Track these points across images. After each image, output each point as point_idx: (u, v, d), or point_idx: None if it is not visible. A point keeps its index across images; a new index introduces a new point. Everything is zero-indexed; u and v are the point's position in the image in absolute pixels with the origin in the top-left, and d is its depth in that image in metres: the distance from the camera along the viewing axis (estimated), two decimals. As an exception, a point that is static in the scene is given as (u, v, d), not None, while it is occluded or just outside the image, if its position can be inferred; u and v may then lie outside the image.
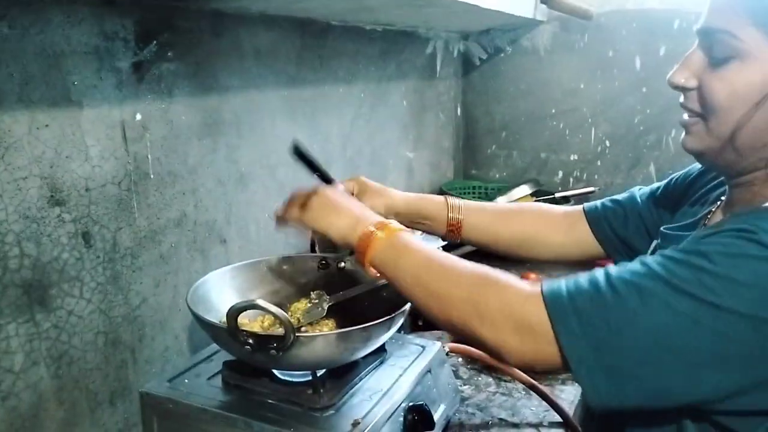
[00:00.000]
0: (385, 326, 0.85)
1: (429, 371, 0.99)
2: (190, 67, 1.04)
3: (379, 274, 0.75)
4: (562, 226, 0.97)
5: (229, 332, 0.77)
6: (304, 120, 1.35)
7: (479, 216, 0.98)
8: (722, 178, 0.74)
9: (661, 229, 0.79)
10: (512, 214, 1.01)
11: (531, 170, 2.08)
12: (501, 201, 1.87)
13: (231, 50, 1.12)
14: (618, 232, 0.92)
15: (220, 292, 0.97)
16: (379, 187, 0.98)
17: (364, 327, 0.81)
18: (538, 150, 2.06)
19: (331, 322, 0.98)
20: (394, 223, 0.76)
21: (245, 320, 0.94)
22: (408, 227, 0.93)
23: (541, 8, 1.79)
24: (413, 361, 0.99)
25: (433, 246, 0.75)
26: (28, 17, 0.79)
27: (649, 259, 0.58)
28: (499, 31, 1.99)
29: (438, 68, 1.94)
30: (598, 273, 0.59)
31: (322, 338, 0.80)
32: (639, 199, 0.90)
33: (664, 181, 0.90)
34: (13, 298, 0.81)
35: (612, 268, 0.59)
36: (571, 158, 2.01)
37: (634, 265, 0.58)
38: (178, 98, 1.02)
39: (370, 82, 1.60)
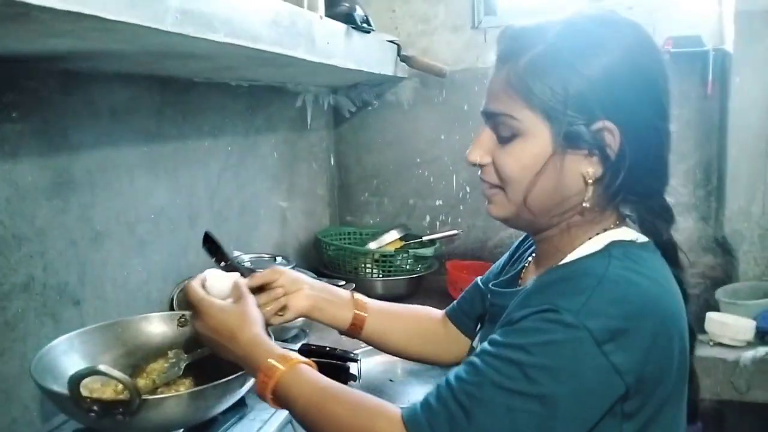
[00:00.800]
0: (239, 381, 0.87)
1: (290, 422, 1.01)
2: (37, 126, 1.02)
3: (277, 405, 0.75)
4: (443, 328, 1.00)
5: (71, 400, 0.75)
6: (165, 175, 1.35)
7: (380, 317, 0.97)
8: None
9: (489, 285, 0.88)
10: (408, 317, 1.01)
11: (401, 215, 2.19)
12: (373, 246, 1.94)
13: (83, 108, 1.11)
14: (471, 319, 0.97)
15: (70, 358, 0.94)
16: (294, 279, 0.93)
17: (215, 384, 0.82)
18: (407, 196, 2.18)
19: (188, 381, 0.97)
20: (294, 355, 0.76)
21: (97, 385, 0.92)
22: (311, 319, 0.94)
23: (401, 66, 1.92)
24: (275, 413, 1.00)
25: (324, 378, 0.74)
26: None
27: (478, 360, 0.63)
28: (365, 85, 2.10)
29: (309, 120, 2.01)
30: (443, 387, 0.64)
31: (172, 399, 0.80)
32: (480, 284, 0.97)
33: (499, 262, 0.98)
34: None
35: (452, 379, 0.64)
36: (437, 203, 2.13)
37: (468, 371, 0.63)
38: (24, 158, 1.00)
39: (238, 135, 1.63)
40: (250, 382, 0.91)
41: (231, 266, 0.96)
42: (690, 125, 1.89)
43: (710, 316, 1.66)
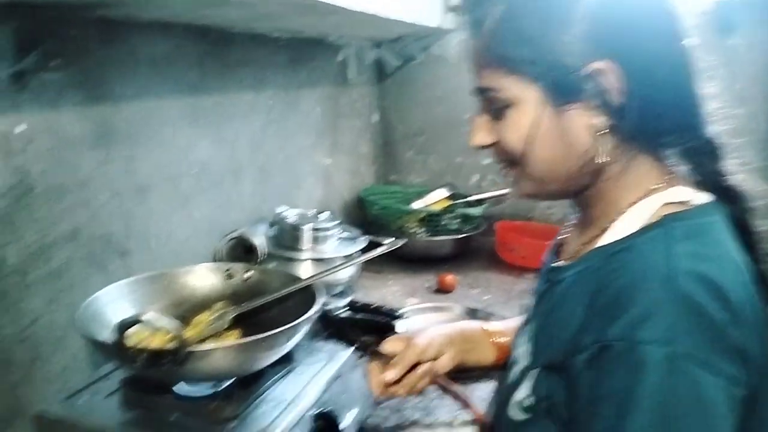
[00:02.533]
0: (287, 334, 0.84)
1: (339, 377, 0.98)
2: (77, 75, 1.00)
3: None
4: None
5: (117, 349, 0.74)
6: (208, 128, 1.32)
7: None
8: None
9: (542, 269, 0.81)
10: None
11: (447, 174, 2.12)
12: (418, 205, 1.90)
13: (124, 58, 1.08)
14: None
15: (117, 307, 0.93)
16: (421, 330, 0.90)
17: (264, 336, 0.80)
18: (454, 154, 2.11)
19: (236, 333, 0.96)
20: None
21: (146, 334, 0.91)
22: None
23: (448, 17, 1.83)
24: (322, 368, 0.98)
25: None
26: None
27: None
28: (410, 39, 2.02)
29: (351, 75, 1.95)
30: None
31: (219, 350, 0.78)
32: None
33: None
34: None
35: None
36: (486, 162, 2.06)
37: None
38: (66, 108, 0.98)
39: (280, 89, 1.59)
40: (298, 335, 0.88)
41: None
42: (758, 80, 1.75)
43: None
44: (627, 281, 0.56)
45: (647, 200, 0.63)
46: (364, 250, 1.40)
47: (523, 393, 0.65)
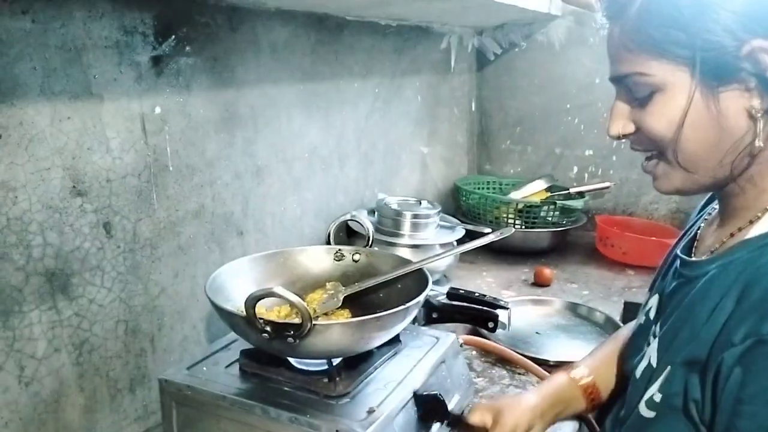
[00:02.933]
0: (399, 316, 0.86)
1: (443, 362, 0.99)
2: (207, 61, 1.05)
3: None
4: None
5: (247, 320, 0.78)
6: (318, 114, 1.36)
7: (601, 369, 0.91)
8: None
9: (678, 252, 0.77)
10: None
11: (546, 165, 2.08)
12: (515, 195, 1.87)
13: (247, 45, 1.13)
14: None
15: (238, 282, 0.99)
16: (509, 403, 0.88)
17: (378, 316, 0.82)
18: (553, 145, 2.06)
19: (346, 313, 0.99)
20: None
21: (262, 309, 0.95)
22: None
23: (555, 2, 1.79)
24: (427, 352, 0.99)
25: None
26: (50, 11, 0.81)
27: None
28: (513, 25, 1.99)
29: (452, 63, 1.95)
30: None
31: (338, 326, 0.81)
32: None
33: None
34: (36, 286, 0.83)
35: None
36: (586, 153, 2.00)
37: None
38: (196, 92, 1.04)
39: (385, 77, 1.61)
40: (410, 317, 0.90)
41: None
42: None
43: None
44: None
45: None
46: (461, 240, 1.40)
47: (651, 391, 0.64)
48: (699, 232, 0.76)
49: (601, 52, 1.91)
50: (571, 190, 1.86)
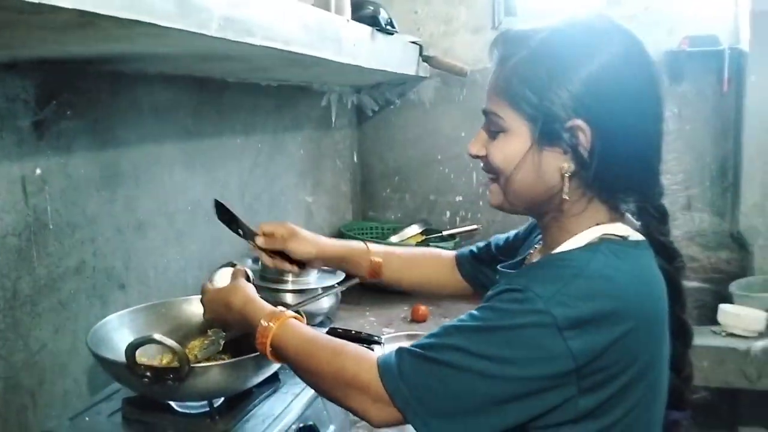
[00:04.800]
0: (275, 355, 0.95)
1: (318, 397, 1.08)
2: (88, 123, 1.11)
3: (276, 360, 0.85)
4: (450, 271, 1.12)
5: (127, 367, 0.84)
6: (202, 170, 1.44)
7: (393, 259, 1.12)
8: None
9: (498, 267, 0.94)
10: (418, 258, 1.16)
11: (422, 211, 2.26)
12: (394, 240, 2.02)
13: (129, 107, 1.20)
14: (477, 277, 1.08)
15: (120, 333, 1.03)
16: (308, 235, 1.07)
17: (254, 356, 0.91)
18: (428, 192, 2.25)
19: (226, 357, 1.06)
20: (283, 311, 0.86)
21: (144, 359, 1.00)
22: (335, 268, 1.12)
23: (423, 66, 1.99)
24: (305, 388, 1.08)
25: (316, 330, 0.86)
26: (-70, 82, 0.85)
27: (452, 324, 0.71)
28: (388, 85, 2.18)
29: (333, 119, 2.09)
30: (418, 343, 0.72)
31: (216, 368, 0.89)
32: (493, 247, 1.06)
33: (515, 231, 1.05)
34: None
35: (427, 337, 0.73)
36: (457, 199, 2.20)
37: (440, 333, 0.71)
38: (78, 153, 1.09)
39: (267, 133, 1.72)
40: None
41: (249, 231, 1.07)
42: (707, 123, 1.93)
43: (723, 307, 1.71)
44: (552, 261, 0.75)
45: (593, 229, 0.76)
46: (341, 283, 1.51)
47: None
48: (527, 257, 0.91)
49: (465, 109, 2.14)
50: (444, 233, 2.04)
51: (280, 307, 0.87)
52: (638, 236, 0.77)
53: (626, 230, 0.76)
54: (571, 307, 0.66)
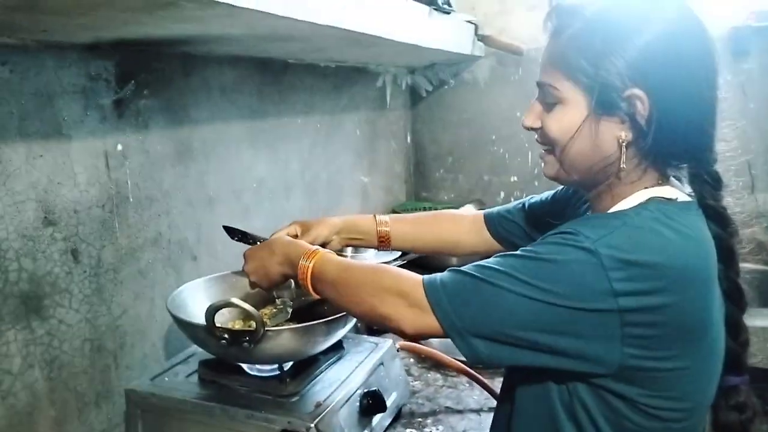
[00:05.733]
0: (341, 322, 0.99)
1: (381, 364, 1.13)
2: (163, 102, 1.17)
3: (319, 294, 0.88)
4: (471, 230, 1.15)
5: (206, 329, 0.90)
6: (265, 148, 1.49)
7: (402, 226, 1.15)
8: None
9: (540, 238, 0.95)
10: (429, 221, 1.18)
11: (475, 191, 2.27)
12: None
13: (199, 87, 1.26)
14: (508, 235, 1.10)
15: (195, 300, 1.09)
16: (317, 220, 1.11)
17: (324, 321, 0.95)
18: (482, 173, 2.25)
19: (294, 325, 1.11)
20: (320, 249, 0.90)
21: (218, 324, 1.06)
22: (348, 245, 1.14)
23: (478, 45, 1.99)
24: (367, 356, 1.13)
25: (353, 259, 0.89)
26: (26, 62, 0.92)
27: (504, 256, 0.73)
28: (442, 65, 2.18)
29: (388, 100, 2.12)
30: (466, 267, 0.74)
31: (288, 332, 0.93)
32: (525, 208, 1.08)
33: (551, 192, 1.06)
34: (12, 307, 0.91)
35: (475, 264, 0.74)
36: (512, 180, 2.20)
37: (491, 262, 0.72)
38: (154, 130, 1.16)
39: (326, 113, 1.76)
40: (350, 324, 1.03)
41: (261, 239, 1.11)
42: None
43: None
44: (604, 214, 0.76)
45: (641, 192, 0.77)
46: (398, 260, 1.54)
47: None
48: None
49: (520, 88, 2.13)
50: (499, 213, 2.04)
51: (316, 246, 0.91)
52: (686, 198, 0.77)
53: (675, 192, 0.77)
54: (617, 249, 0.67)
